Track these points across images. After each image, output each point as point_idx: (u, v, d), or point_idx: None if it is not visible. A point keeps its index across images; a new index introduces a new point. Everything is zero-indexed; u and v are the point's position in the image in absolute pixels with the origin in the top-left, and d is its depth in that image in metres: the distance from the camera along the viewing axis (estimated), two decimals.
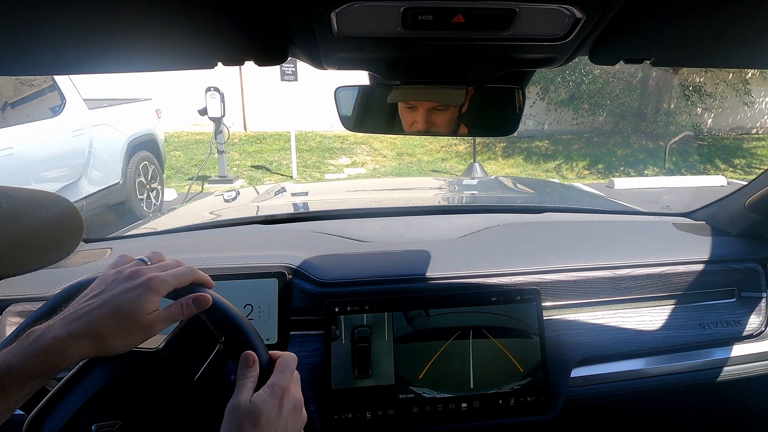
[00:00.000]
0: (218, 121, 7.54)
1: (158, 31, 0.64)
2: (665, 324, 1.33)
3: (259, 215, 1.66)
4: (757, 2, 0.58)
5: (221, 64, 0.74)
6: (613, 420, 1.60)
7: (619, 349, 1.28)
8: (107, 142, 5.43)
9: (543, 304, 1.24)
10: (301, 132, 10.67)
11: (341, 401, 1.12)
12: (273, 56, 0.72)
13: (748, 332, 1.37)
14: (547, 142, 11.48)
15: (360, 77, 0.99)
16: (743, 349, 1.36)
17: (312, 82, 8.31)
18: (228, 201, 2.35)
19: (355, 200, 2.34)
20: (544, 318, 1.23)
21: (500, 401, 1.17)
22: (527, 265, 1.28)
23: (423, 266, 1.25)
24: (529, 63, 0.82)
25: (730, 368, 1.35)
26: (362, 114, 1.01)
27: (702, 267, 1.36)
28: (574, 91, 11.20)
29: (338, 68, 0.83)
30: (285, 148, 9.97)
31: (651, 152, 10.78)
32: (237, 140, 10.48)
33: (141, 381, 0.74)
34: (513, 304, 1.21)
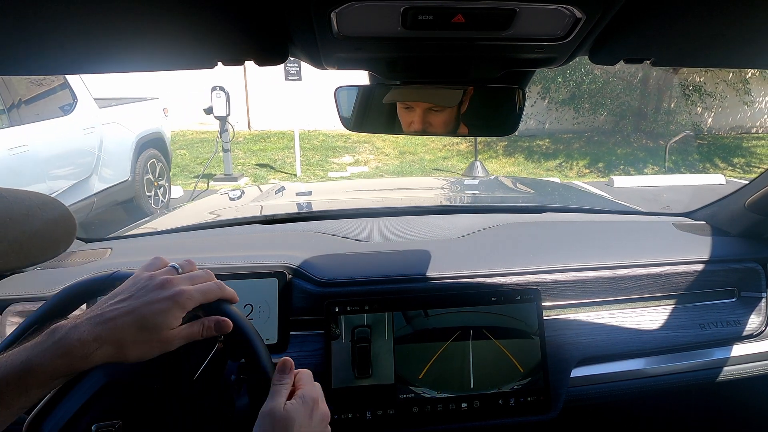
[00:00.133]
0: (223, 120, 7.54)
1: (158, 31, 0.63)
2: (665, 324, 1.31)
3: (259, 215, 1.65)
4: (757, 2, 0.57)
5: (221, 64, 0.73)
6: (613, 420, 1.59)
7: (619, 349, 1.27)
8: (117, 141, 5.47)
9: (543, 304, 1.23)
10: (305, 131, 10.67)
11: (341, 401, 1.11)
12: (273, 56, 0.71)
13: (748, 332, 1.35)
14: (548, 141, 11.45)
15: (362, 77, 0.97)
16: (743, 349, 1.35)
17: (316, 82, 8.28)
18: (233, 199, 2.34)
19: (355, 200, 2.33)
20: (544, 318, 1.22)
21: (500, 401, 1.15)
22: (527, 265, 1.26)
23: (423, 266, 1.23)
24: (529, 63, 0.81)
25: (730, 368, 1.34)
26: (362, 114, 1.00)
27: (702, 267, 1.35)
28: (575, 91, 11.16)
29: (338, 68, 0.82)
30: (289, 147, 9.97)
31: (651, 151, 10.74)
32: (241, 139, 10.49)
33: (141, 381, 0.74)
34: (513, 304, 1.19)
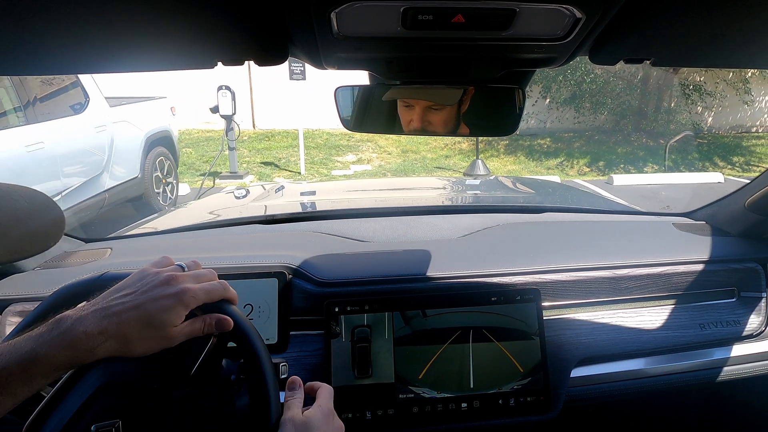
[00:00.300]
0: (229, 119, 7.53)
1: (158, 31, 0.62)
2: (665, 324, 1.30)
3: (259, 215, 1.64)
4: (757, 2, 0.56)
5: (221, 64, 0.73)
6: (613, 420, 1.58)
7: (619, 349, 1.25)
8: (127, 139, 5.53)
9: (543, 304, 1.22)
10: (309, 130, 10.66)
11: (341, 401, 1.09)
12: (273, 56, 0.71)
13: (748, 332, 1.34)
14: (549, 140, 11.42)
15: (364, 77, 0.96)
16: (743, 349, 1.34)
17: (320, 81, 8.28)
18: (238, 198, 2.33)
19: (355, 200, 2.31)
20: (544, 318, 1.20)
21: (500, 401, 1.14)
22: (527, 265, 1.25)
23: (423, 266, 1.22)
24: (529, 63, 0.80)
25: (730, 368, 1.32)
26: (362, 114, 0.99)
27: (702, 267, 1.34)
28: (576, 90, 11.13)
29: (338, 68, 0.81)
30: (293, 145, 9.97)
31: (651, 150, 10.71)
32: (246, 137, 10.49)
33: (139, 380, 0.73)
34: (513, 304, 1.18)
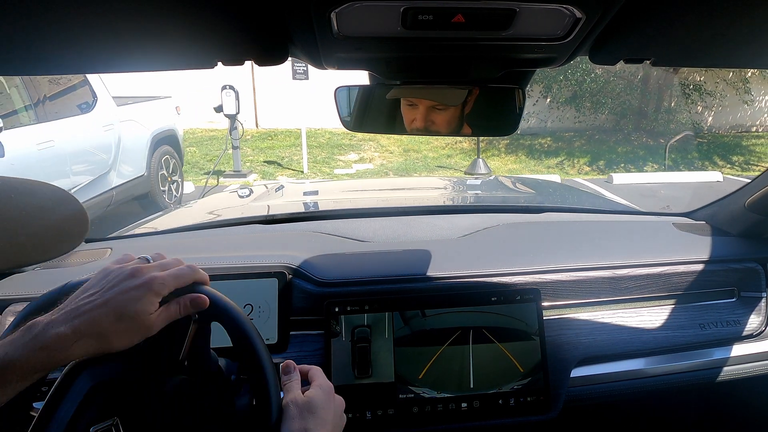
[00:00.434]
0: (233, 118, 7.54)
1: (158, 31, 0.61)
2: (665, 324, 1.29)
3: (259, 215, 1.62)
4: (757, 2, 0.56)
5: (221, 64, 0.72)
6: (613, 420, 1.57)
7: (619, 349, 1.24)
8: (133, 137, 5.57)
9: (543, 304, 1.20)
10: (311, 129, 10.64)
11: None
12: (273, 56, 0.70)
13: (748, 332, 1.33)
14: (550, 139, 11.39)
15: (365, 77, 0.95)
16: (743, 349, 1.32)
17: (322, 81, 8.26)
18: (242, 197, 2.32)
19: (355, 200, 2.30)
20: (544, 318, 1.19)
21: (500, 401, 1.13)
22: (527, 265, 1.24)
23: (423, 266, 1.21)
24: (529, 63, 0.79)
25: (730, 368, 1.31)
26: (362, 114, 0.99)
27: (702, 267, 1.32)
28: (576, 90, 11.09)
29: (338, 68, 0.81)
30: (296, 145, 9.96)
31: (651, 149, 10.67)
32: (249, 137, 10.48)
33: (128, 374, 0.73)
34: (513, 304, 1.17)
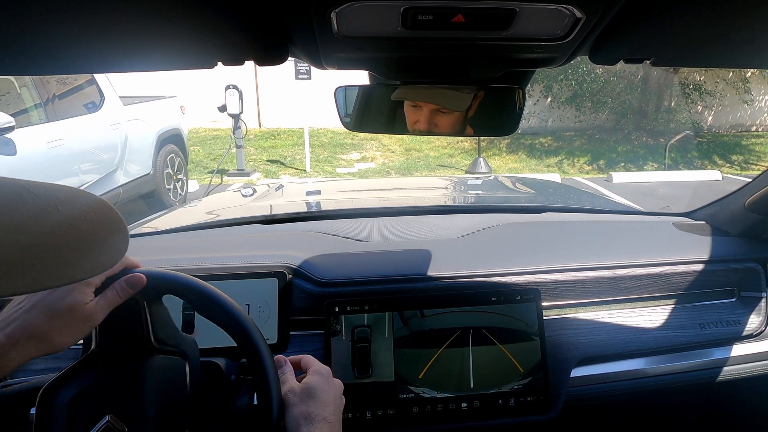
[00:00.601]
0: (237, 118, 7.53)
1: (158, 31, 0.60)
2: (665, 324, 1.27)
3: (259, 215, 1.61)
4: (757, 2, 0.55)
5: (221, 64, 0.71)
6: (613, 420, 1.56)
7: (619, 349, 1.23)
8: (140, 136, 5.60)
9: (543, 304, 1.19)
10: (314, 128, 10.63)
11: None
12: (273, 56, 0.69)
13: (748, 332, 1.31)
14: (550, 139, 11.36)
15: (366, 76, 0.94)
16: (743, 349, 1.31)
17: (325, 81, 8.25)
18: (245, 196, 2.31)
19: (355, 200, 2.29)
20: (544, 318, 1.18)
21: (500, 401, 1.12)
22: (527, 265, 1.23)
23: (423, 266, 1.20)
24: (529, 63, 0.78)
25: (730, 368, 1.30)
26: (362, 114, 0.98)
27: (702, 267, 1.31)
28: (577, 90, 11.05)
29: (338, 68, 0.80)
30: (298, 144, 9.96)
31: (651, 149, 10.64)
32: (252, 136, 10.47)
33: (104, 375, 0.72)
34: (513, 304, 1.16)
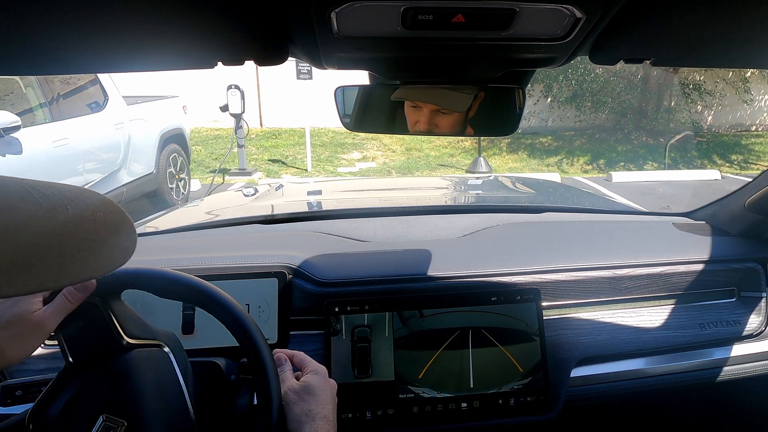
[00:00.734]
0: (238, 117, 7.53)
1: (158, 31, 0.60)
2: (665, 324, 1.27)
3: (259, 215, 1.61)
4: (757, 2, 0.54)
5: (221, 64, 0.70)
6: (613, 420, 1.55)
7: (619, 349, 1.22)
8: (143, 136, 5.62)
9: (543, 304, 1.19)
10: (315, 128, 10.61)
11: (341, 400, 1.06)
12: (273, 56, 0.68)
13: (748, 332, 1.31)
14: (551, 138, 11.34)
15: (367, 76, 0.93)
16: (743, 349, 1.31)
17: (326, 81, 8.24)
18: (247, 196, 2.31)
19: (355, 200, 2.28)
20: (544, 318, 1.17)
21: (500, 401, 1.12)
22: (527, 265, 1.22)
23: (423, 266, 1.19)
24: (530, 63, 0.78)
25: (730, 368, 1.29)
26: (362, 114, 0.97)
27: (702, 267, 1.30)
28: (577, 89, 11.03)
29: (338, 68, 0.79)
30: (299, 143, 9.95)
31: (651, 148, 10.62)
32: (254, 136, 10.46)
33: (84, 384, 0.72)
34: (513, 304, 1.15)
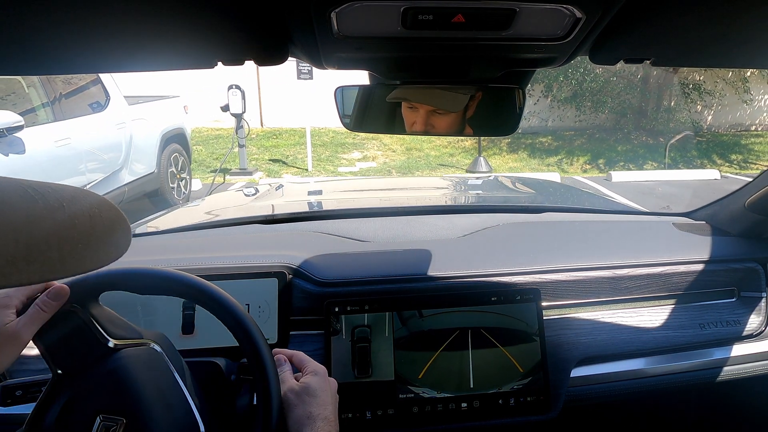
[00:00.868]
0: (239, 117, 7.53)
1: (158, 31, 0.60)
2: (665, 324, 1.27)
3: (259, 215, 1.61)
4: (757, 2, 0.54)
5: (221, 64, 0.70)
6: (613, 420, 1.55)
7: (619, 349, 1.22)
8: (144, 136, 5.62)
9: (543, 304, 1.19)
10: (316, 128, 10.61)
11: (341, 400, 1.06)
12: (273, 56, 0.68)
13: (748, 332, 1.30)
14: (551, 138, 11.33)
15: (367, 76, 0.93)
16: (743, 349, 1.30)
17: (327, 81, 8.24)
18: (248, 196, 2.31)
19: (355, 200, 2.28)
20: (544, 318, 1.17)
21: (500, 401, 1.11)
22: (527, 265, 1.22)
23: (423, 266, 1.19)
24: (529, 63, 0.78)
25: (730, 368, 1.29)
26: (362, 114, 0.97)
27: (702, 267, 1.30)
28: (577, 89, 11.02)
29: (338, 68, 0.79)
30: (300, 143, 9.95)
31: (651, 148, 10.61)
32: (255, 135, 10.46)
33: (82, 390, 0.72)
34: (513, 304, 1.15)
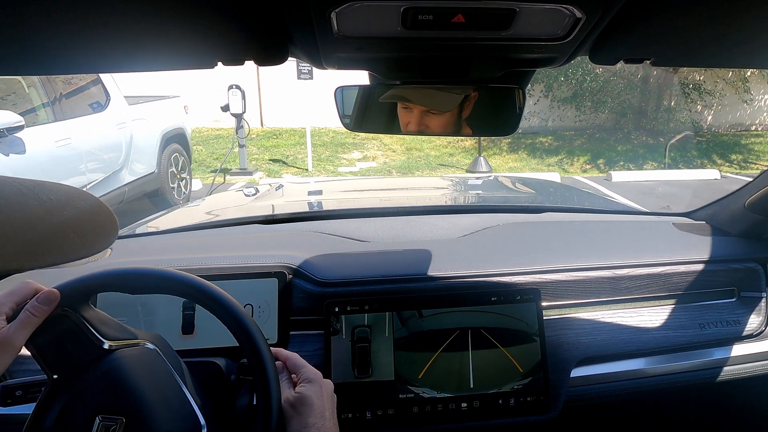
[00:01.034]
0: (239, 117, 7.53)
1: (158, 31, 0.60)
2: (665, 324, 1.26)
3: (259, 215, 1.61)
4: (757, 2, 0.54)
5: (221, 64, 0.70)
6: (613, 420, 1.55)
7: (619, 349, 1.22)
8: (144, 136, 5.63)
9: (543, 304, 1.18)
10: (316, 128, 10.61)
11: (341, 400, 1.06)
12: (273, 56, 0.68)
13: (748, 332, 1.30)
14: (551, 138, 11.33)
15: (367, 76, 0.93)
16: (743, 349, 1.30)
17: (327, 81, 8.23)
18: (248, 196, 2.31)
19: (355, 200, 2.28)
20: (544, 318, 1.17)
21: (500, 401, 1.11)
22: (527, 265, 1.22)
23: (423, 266, 1.19)
24: (529, 63, 0.78)
25: (730, 368, 1.29)
26: (362, 114, 0.97)
27: (702, 267, 1.30)
28: (577, 89, 11.02)
29: (338, 68, 0.79)
30: (300, 143, 9.95)
31: (651, 148, 10.61)
32: (255, 135, 10.46)
33: (79, 392, 0.72)
34: (513, 304, 1.15)
